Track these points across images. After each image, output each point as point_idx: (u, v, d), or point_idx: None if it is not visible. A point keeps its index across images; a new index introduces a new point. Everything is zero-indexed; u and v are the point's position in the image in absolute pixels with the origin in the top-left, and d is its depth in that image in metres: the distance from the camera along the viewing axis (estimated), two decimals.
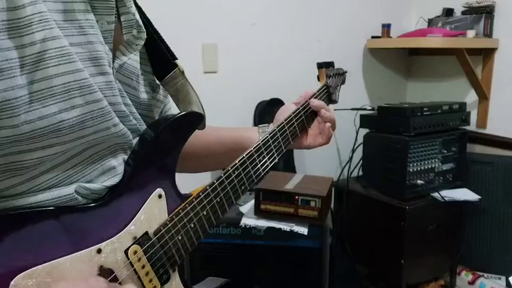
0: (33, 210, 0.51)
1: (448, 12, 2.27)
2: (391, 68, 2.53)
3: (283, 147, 0.83)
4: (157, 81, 0.71)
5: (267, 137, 0.79)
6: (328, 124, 0.87)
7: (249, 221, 1.57)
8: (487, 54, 2.18)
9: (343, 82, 1.10)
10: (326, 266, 1.61)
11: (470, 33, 2.10)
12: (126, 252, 0.58)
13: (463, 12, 2.22)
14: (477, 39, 2.11)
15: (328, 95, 0.99)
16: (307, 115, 0.88)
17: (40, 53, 0.47)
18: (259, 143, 0.77)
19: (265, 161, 0.78)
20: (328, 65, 1.01)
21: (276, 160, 0.80)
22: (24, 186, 0.51)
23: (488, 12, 2.12)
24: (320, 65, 0.99)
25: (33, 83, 0.47)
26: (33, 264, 0.49)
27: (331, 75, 1.01)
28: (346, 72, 1.10)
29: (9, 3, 0.45)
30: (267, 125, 0.88)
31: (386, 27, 2.31)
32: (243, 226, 1.55)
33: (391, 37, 2.32)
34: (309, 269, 1.59)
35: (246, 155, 0.74)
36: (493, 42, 2.14)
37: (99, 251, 0.55)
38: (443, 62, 2.38)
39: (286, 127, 0.84)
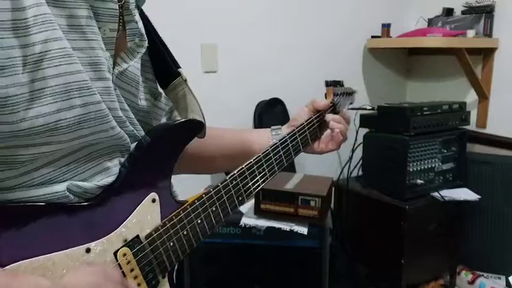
0: (24, 205, 0.51)
1: (448, 12, 2.27)
2: (391, 67, 2.53)
3: (292, 154, 0.84)
4: (160, 89, 0.71)
5: (268, 149, 0.78)
6: (337, 132, 0.90)
7: (249, 220, 1.57)
8: (487, 54, 2.18)
9: (351, 102, 1.08)
10: (326, 266, 1.61)
11: (470, 33, 2.10)
12: (115, 254, 0.58)
13: (463, 12, 2.22)
14: (477, 39, 2.11)
15: (334, 113, 0.97)
16: (316, 126, 0.90)
17: (42, 53, 0.48)
18: (260, 155, 0.76)
19: (265, 174, 0.77)
20: (336, 83, 1.00)
21: (277, 173, 0.80)
22: (18, 180, 0.52)
23: (488, 12, 2.12)
24: (327, 83, 0.98)
25: (34, 81, 0.48)
26: (21, 258, 0.50)
27: (338, 93, 0.99)
28: (355, 92, 1.08)
29: (14, 4, 0.46)
30: (280, 127, 0.88)
31: (386, 27, 2.31)
32: (243, 226, 1.56)
33: (391, 37, 2.32)
34: (309, 268, 1.59)
35: (245, 166, 0.74)
36: (493, 42, 2.14)
37: (88, 250, 0.55)
38: (443, 62, 2.38)
39: (298, 136, 0.85)
